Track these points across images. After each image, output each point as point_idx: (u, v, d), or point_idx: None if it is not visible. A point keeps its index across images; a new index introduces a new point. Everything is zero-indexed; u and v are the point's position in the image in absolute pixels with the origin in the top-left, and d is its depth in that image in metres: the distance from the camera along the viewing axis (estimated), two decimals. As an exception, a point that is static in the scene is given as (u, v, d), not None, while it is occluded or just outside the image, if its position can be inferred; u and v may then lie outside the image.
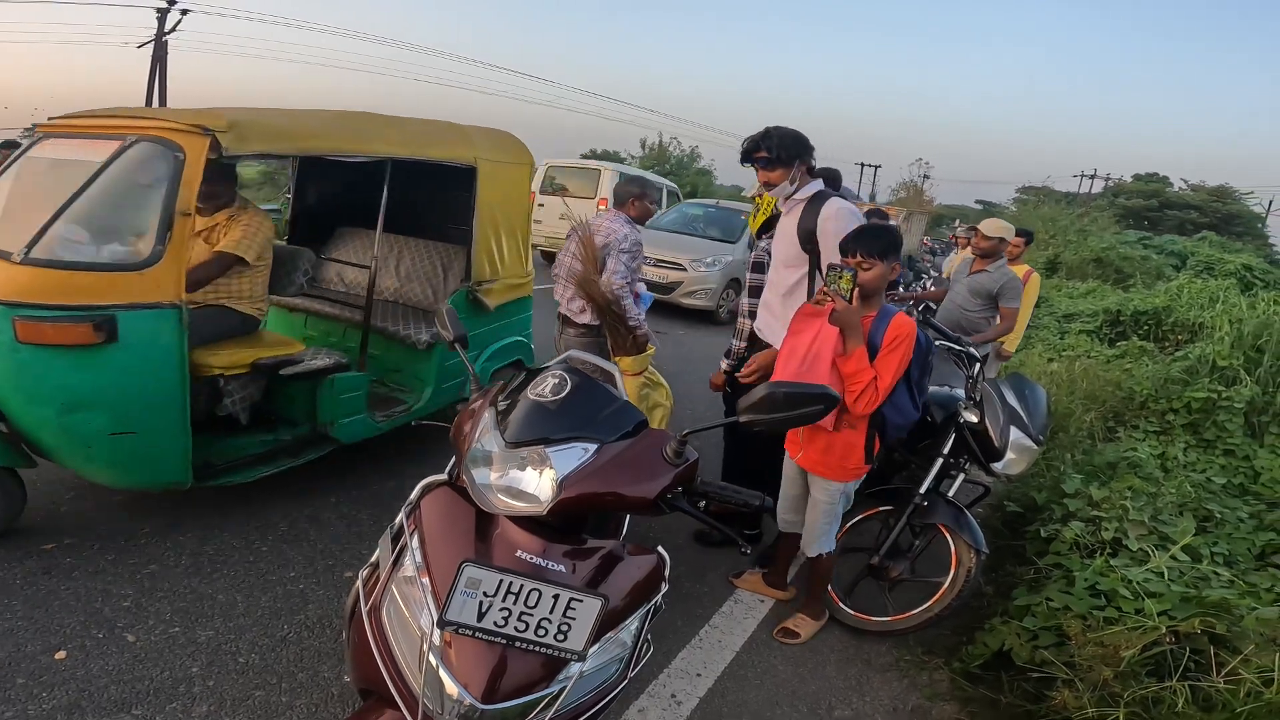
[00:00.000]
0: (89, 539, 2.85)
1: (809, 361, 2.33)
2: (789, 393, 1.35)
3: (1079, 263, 16.22)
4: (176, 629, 2.42)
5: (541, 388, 1.46)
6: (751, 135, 2.72)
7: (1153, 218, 37.21)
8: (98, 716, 2.03)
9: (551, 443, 1.35)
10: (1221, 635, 2.09)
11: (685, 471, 1.38)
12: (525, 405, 1.44)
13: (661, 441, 1.40)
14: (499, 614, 1.17)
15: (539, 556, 1.28)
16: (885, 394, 2.33)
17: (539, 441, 1.36)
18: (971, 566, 2.65)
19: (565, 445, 1.36)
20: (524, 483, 1.34)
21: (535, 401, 1.43)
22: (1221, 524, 3.09)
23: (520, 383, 1.56)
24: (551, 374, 1.50)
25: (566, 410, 1.41)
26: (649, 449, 1.39)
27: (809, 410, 1.35)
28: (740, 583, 3.04)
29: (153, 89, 19.63)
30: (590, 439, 1.38)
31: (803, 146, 2.71)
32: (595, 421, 1.42)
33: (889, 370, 2.32)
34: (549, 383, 1.47)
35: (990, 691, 2.43)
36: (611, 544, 1.41)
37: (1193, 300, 8.54)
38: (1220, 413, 4.36)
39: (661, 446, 1.38)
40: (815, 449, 2.53)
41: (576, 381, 1.47)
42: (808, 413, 1.36)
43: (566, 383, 1.46)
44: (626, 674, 1.41)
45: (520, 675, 1.21)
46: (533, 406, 1.43)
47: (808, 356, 2.34)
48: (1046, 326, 8.65)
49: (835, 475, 2.52)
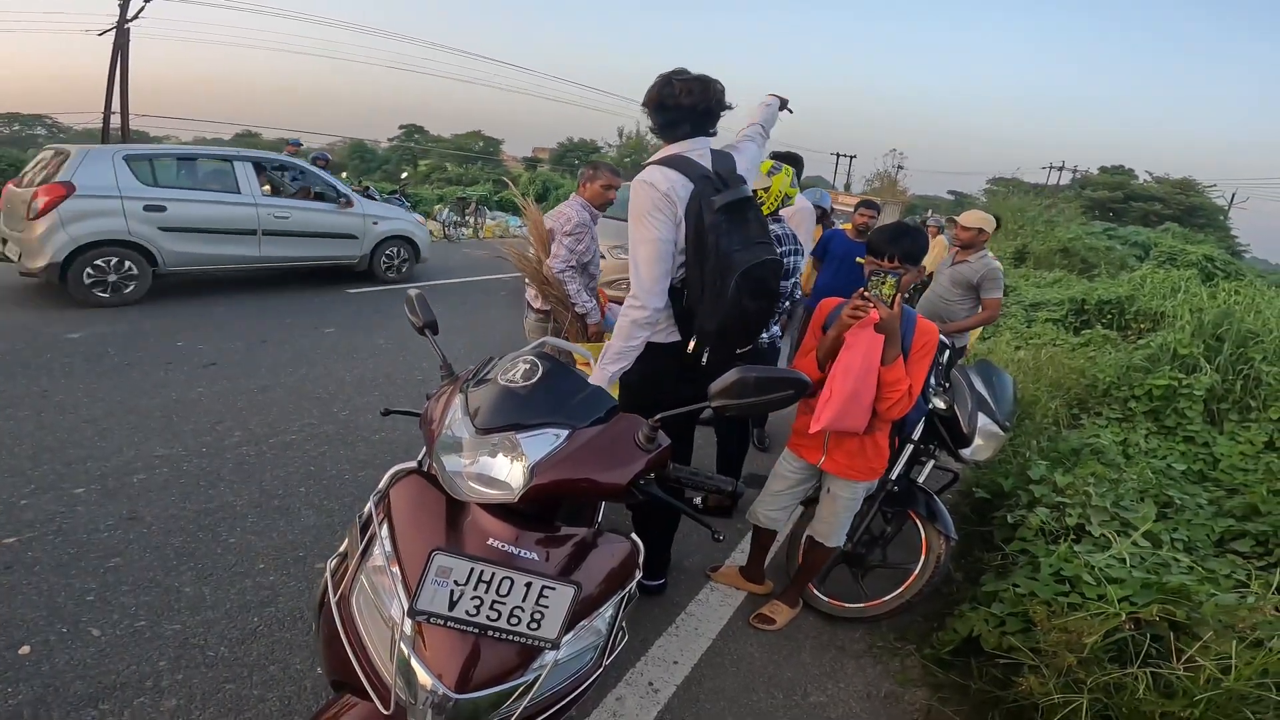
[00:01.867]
0: (49, 532, 2.79)
1: (862, 375, 2.28)
2: (759, 378, 1.34)
3: (1046, 253, 16.47)
4: (142, 623, 2.38)
5: (512, 373, 1.44)
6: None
7: (1118, 209, 37.92)
8: (64, 712, 2.00)
9: (522, 429, 1.33)
10: (1181, 622, 2.13)
11: (657, 457, 1.37)
12: (495, 391, 1.41)
13: (634, 427, 1.38)
14: (471, 603, 1.16)
15: (511, 544, 1.27)
16: (919, 390, 2.33)
17: (510, 428, 1.33)
18: (941, 553, 2.69)
19: (536, 431, 1.34)
20: (495, 470, 1.32)
21: (506, 387, 1.41)
22: (1181, 510, 3.16)
23: (491, 368, 1.54)
24: (523, 360, 1.48)
25: (537, 396, 1.39)
26: (621, 435, 1.38)
27: (779, 395, 1.35)
28: (718, 577, 3.05)
29: (114, 78, 19.07)
30: (562, 425, 1.36)
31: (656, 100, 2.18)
32: (566, 407, 1.40)
33: (920, 376, 2.32)
34: (519, 368, 1.45)
35: (960, 677, 2.47)
36: (584, 531, 1.40)
37: (1155, 290, 8.71)
38: (1180, 400, 4.46)
39: (634, 432, 1.37)
40: (844, 453, 2.51)
41: (548, 367, 1.45)
42: (778, 398, 1.36)
43: (538, 368, 1.44)
44: (602, 662, 1.41)
45: (494, 664, 1.19)
46: (503, 392, 1.41)
47: (863, 370, 2.28)
48: (1014, 315, 8.78)
49: (863, 476, 2.53)
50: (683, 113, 2.14)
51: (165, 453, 3.55)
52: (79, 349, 4.96)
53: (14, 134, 49.20)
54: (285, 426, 4.04)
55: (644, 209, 2.12)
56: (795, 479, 2.69)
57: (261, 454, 3.67)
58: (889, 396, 2.29)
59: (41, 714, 1.98)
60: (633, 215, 2.14)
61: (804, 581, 2.83)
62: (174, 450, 3.59)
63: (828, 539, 2.64)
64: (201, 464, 3.49)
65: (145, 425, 3.84)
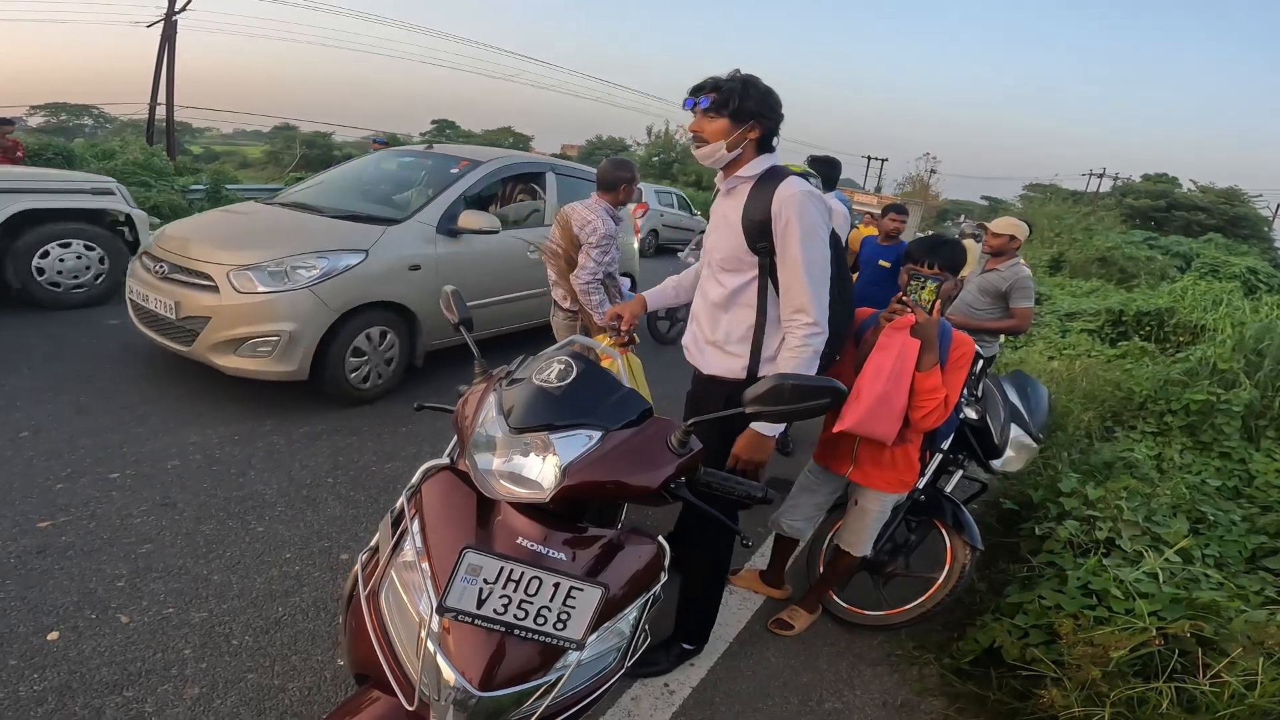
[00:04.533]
0: (84, 517, 2.86)
1: (894, 379, 2.23)
2: (796, 385, 1.33)
3: (1083, 261, 16.18)
4: (170, 610, 2.43)
5: (547, 373, 1.45)
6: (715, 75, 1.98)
7: (1160, 218, 37.08)
8: (89, 698, 2.03)
9: (556, 429, 1.34)
10: (1209, 637, 2.09)
11: (689, 461, 1.37)
12: (530, 391, 1.42)
13: (666, 431, 1.39)
14: (499, 601, 1.17)
15: (540, 544, 1.27)
16: (951, 409, 2.28)
17: (543, 428, 1.34)
18: (966, 563, 2.66)
19: (569, 432, 1.34)
20: (527, 469, 1.33)
21: (540, 387, 1.42)
22: (1214, 526, 3.09)
23: (525, 367, 1.54)
24: (557, 359, 1.48)
25: (571, 397, 1.40)
26: (653, 438, 1.38)
27: (816, 404, 1.33)
28: (737, 580, 3.04)
29: (160, 69, 19.53)
30: (595, 426, 1.37)
31: (767, 105, 1.95)
32: (600, 409, 1.40)
33: (957, 387, 2.28)
34: (554, 368, 1.45)
35: (979, 688, 2.44)
36: (611, 532, 1.40)
37: (1196, 302, 8.51)
38: (1218, 415, 4.35)
39: (666, 436, 1.38)
40: (873, 464, 2.47)
41: (582, 368, 1.45)
42: (814, 406, 1.34)
43: (572, 368, 1.44)
44: (623, 663, 1.41)
45: (518, 663, 1.20)
46: (537, 392, 1.41)
47: (893, 373, 2.23)
48: (1048, 324, 8.63)
49: (893, 488, 2.50)
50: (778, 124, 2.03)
51: (199, 439, 3.63)
52: (118, 335, 5.08)
53: (61, 123, 50.52)
54: (315, 417, 4.10)
55: (817, 223, 1.94)
56: (820, 490, 2.67)
57: (292, 443, 3.74)
58: (923, 405, 2.25)
59: (66, 700, 2.01)
60: (805, 230, 1.91)
61: (825, 588, 2.82)
62: (207, 436, 3.67)
63: (854, 549, 2.61)
64: (234, 451, 3.57)
65: (181, 411, 3.93)
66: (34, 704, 1.98)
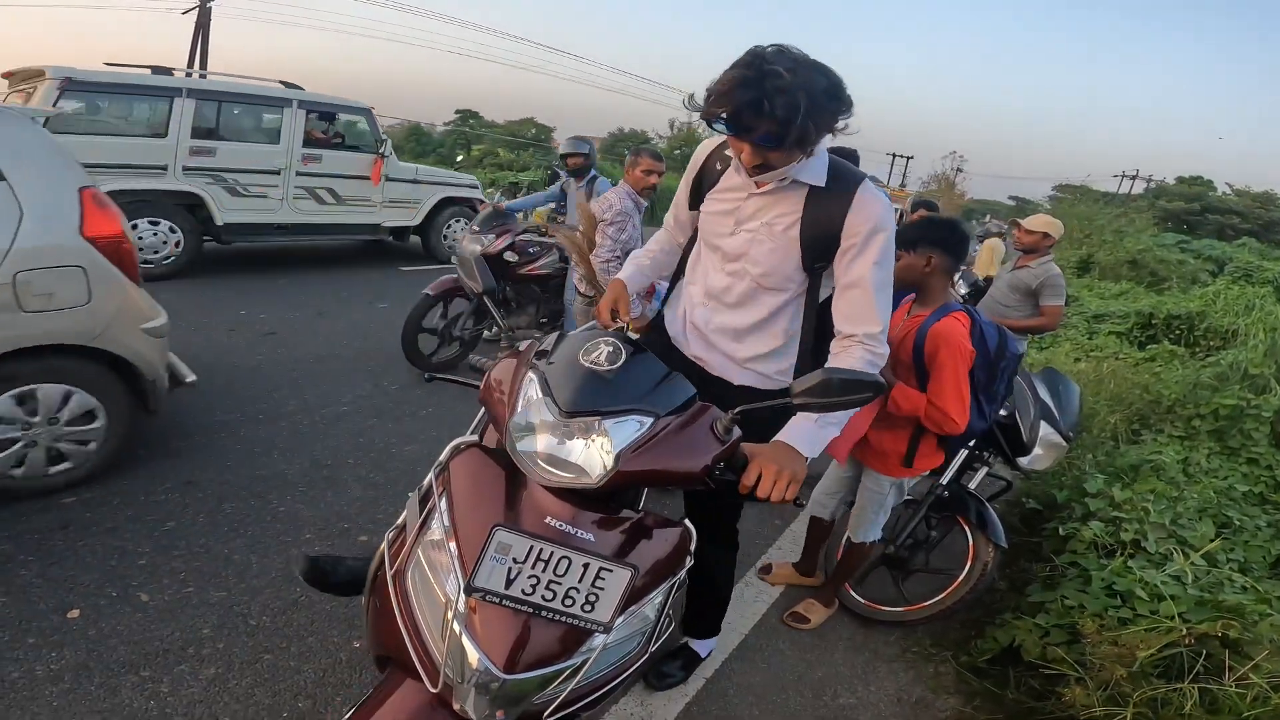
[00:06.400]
0: (109, 493, 2.89)
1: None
2: (844, 379, 1.30)
3: (1113, 263, 15.90)
4: (190, 589, 2.44)
5: (596, 354, 1.37)
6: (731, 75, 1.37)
7: (1193, 221, 36.36)
8: (105, 677, 2.03)
9: (608, 414, 1.29)
10: (1235, 639, 2.06)
11: (731, 448, 1.35)
12: (579, 372, 1.34)
13: (712, 417, 1.36)
14: (527, 581, 1.14)
15: (568, 524, 1.24)
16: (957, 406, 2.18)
17: (595, 413, 1.28)
18: (989, 561, 2.62)
19: (622, 418, 1.29)
20: (575, 454, 1.28)
21: (590, 369, 1.35)
22: (1239, 531, 3.05)
23: (562, 346, 1.46)
24: (604, 341, 1.41)
25: (622, 380, 1.34)
26: (700, 424, 1.35)
27: (860, 396, 1.31)
28: (772, 579, 3.02)
29: (194, 56, 19.83)
30: (646, 412, 1.32)
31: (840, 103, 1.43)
32: (651, 394, 1.36)
33: (952, 390, 2.18)
34: (602, 350, 1.38)
35: (995, 686, 2.42)
36: (640, 514, 1.37)
37: (1228, 306, 8.36)
38: (1247, 421, 4.27)
39: (712, 422, 1.35)
40: (870, 443, 2.46)
41: (630, 351, 1.39)
42: (858, 399, 1.32)
43: (620, 352, 1.38)
44: (647, 649, 1.37)
45: (543, 646, 1.18)
46: (588, 374, 1.34)
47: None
48: (1075, 326, 8.51)
49: (885, 471, 2.48)
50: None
51: (225, 418, 3.68)
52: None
53: (97, 110, 51.17)
54: (338, 397, 4.14)
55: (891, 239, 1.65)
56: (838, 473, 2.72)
57: (315, 424, 3.78)
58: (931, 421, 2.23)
59: (83, 679, 2.01)
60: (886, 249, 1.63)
61: (840, 581, 2.80)
62: (232, 416, 3.72)
63: (854, 532, 2.62)
64: (257, 431, 3.61)
65: (208, 389, 3.96)
66: (50, 682, 1.99)
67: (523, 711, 1.20)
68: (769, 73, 1.32)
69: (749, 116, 1.35)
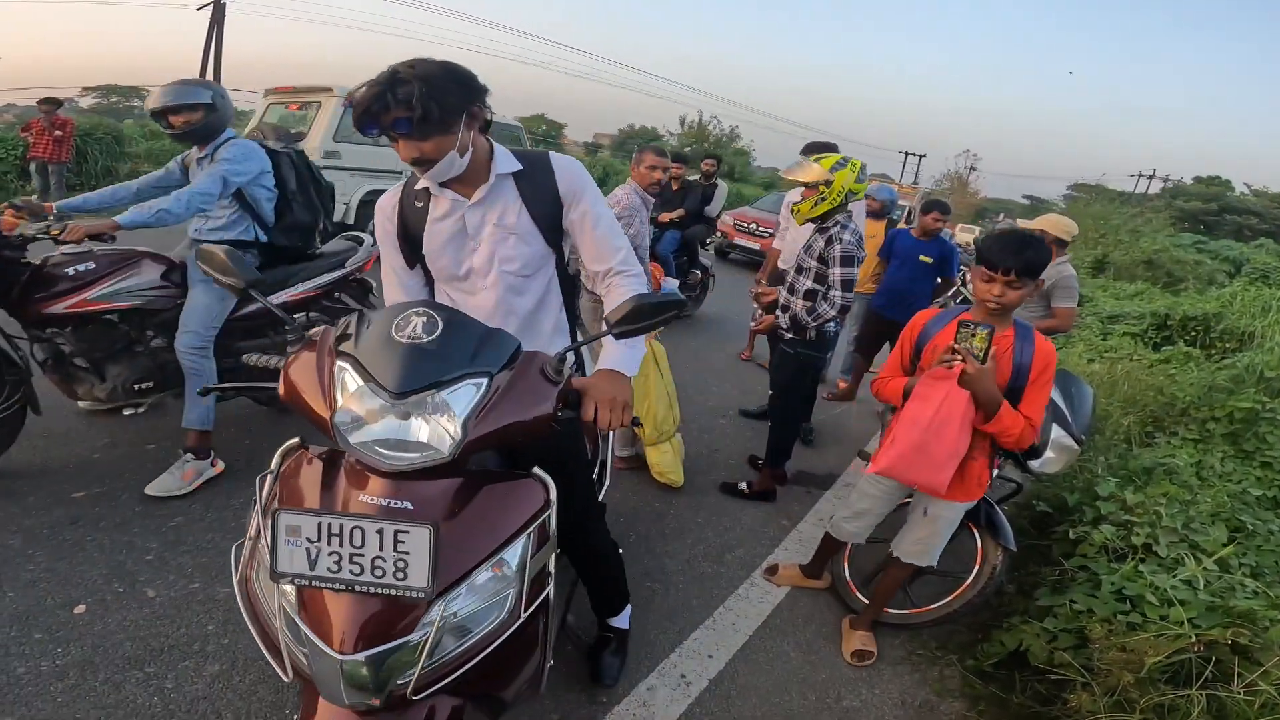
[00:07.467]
0: (118, 489, 2.90)
1: (935, 428, 2.13)
2: (654, 303, 1.45)
3: (1128, 263, 15.77)
4: (196, 585, 2.44)
5: (410, 328, 1.30)
6: (372, 83, 1.49)
7: (1210, 221, 36.02)
8: (110, 673, 2.03)
9: (443, 385, 1.25)
10: (1245, 646, 2.04)
11: (566, 385, 1.40)
12: (399, 350, 1.27)
13: (540, 361, 1.39)
14: (329, 559, 1.13)
15: (387, 497, 1.22)
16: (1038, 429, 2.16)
17: (428, 387, 1.24)
18: (997, 564, 2.60)
19: (457, 385, 1.26)
20: (419, 433, 1.25)
21: (410, 344, 1.28)
22: (1253, 536, 3.00)
23: (367, 327, 1.36)
24: (415, 312, 1.34)
25: (447, 348, 1.29)
26: (533, 372, 1.36)
27: (668, 316, 1.47)
28: (778, 580, 3.00)
29: (209, 51, 19.96)
30: (479, 374, 1.29)
31: (467, 87, 1.56)
32: (479, 355, 1.32)
33: (1038, 406, 2.15)
34: (415, 322, 1.32)
35: (1001, 691, 2.40)
36: (474, 471, 1.35)
37: (1245, 308, 8.24)
38: (1263, 424, 4.22)
39: (541, 366, 1.38)
40: (957, 479, 2.28)
41: (446, 316, 1.34)
42: (667, 318, 1.47)
43: (436, 320, 1.32)
44: (519, 613, 1.32)
45: (375, 623, 1.16)
46: (409, 350, 1.27)
47: (934, 423, 2.13)
48: (1089, 326, 8.43)
49: (967, 497, 2.39)
50: None
51: (237, 412, 3.70)
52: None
53: (112, 105, 51.68)
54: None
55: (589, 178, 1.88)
56: (883, 497, 2.60)
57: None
58: (1007, 438, 2.18)
59: (88, 675, 2.01)
60: (593, 185, 1.83)
61: (883, 604, 2.70)
62: (242, 412, 3.74)
63: (919, 559, 2.50)
64: (265, 427, 3.63)
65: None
66: (55, 679, 1.98)
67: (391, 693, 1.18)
68: (395, 77, 1.46)
69: (381, 111, 1.47)
